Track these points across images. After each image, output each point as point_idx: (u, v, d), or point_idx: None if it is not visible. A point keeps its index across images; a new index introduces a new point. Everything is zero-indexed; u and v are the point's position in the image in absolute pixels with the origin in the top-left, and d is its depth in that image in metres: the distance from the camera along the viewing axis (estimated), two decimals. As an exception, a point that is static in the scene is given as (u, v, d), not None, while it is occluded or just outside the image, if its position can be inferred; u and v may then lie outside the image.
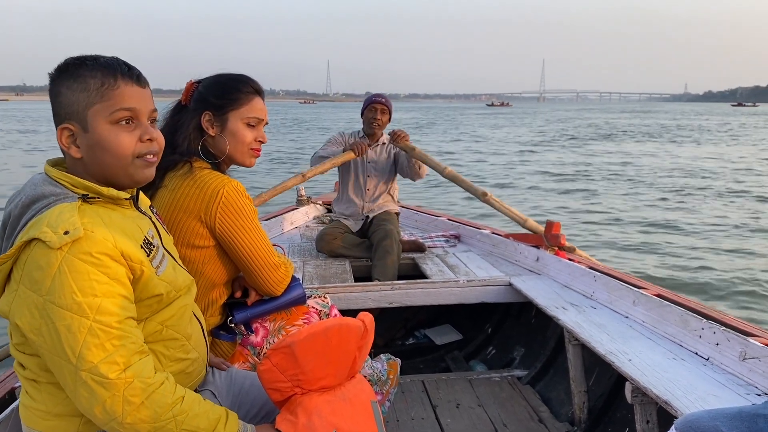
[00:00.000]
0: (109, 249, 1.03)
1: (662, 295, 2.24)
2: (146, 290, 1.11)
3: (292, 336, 1.21)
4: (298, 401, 1.20)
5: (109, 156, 1.10)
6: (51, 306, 0.99)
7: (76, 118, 1.09)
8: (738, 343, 1.78)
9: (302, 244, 3.68)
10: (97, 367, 0.99)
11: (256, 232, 1.58)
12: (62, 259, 0.99)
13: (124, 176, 1.13)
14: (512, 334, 3.12)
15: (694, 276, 5.99)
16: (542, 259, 2.93)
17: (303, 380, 1.21)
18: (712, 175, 13.75)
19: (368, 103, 3.55)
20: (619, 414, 2.20)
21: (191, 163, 1.56)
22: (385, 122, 3.54)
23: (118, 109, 1.09)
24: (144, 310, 1.13)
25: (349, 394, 1.27)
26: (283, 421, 1.18)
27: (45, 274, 0.99)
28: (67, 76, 1.09)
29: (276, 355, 1.20)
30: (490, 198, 3.27)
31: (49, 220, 1.01)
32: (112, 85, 1.09)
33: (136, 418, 1.02)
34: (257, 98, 1.63)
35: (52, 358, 1.01)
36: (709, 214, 9.19)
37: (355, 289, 2.68)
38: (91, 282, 1.00)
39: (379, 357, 1.81)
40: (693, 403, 1.57)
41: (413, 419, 2.32)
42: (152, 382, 1.04)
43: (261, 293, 1.68)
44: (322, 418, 1.18)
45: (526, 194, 11.30)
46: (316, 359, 1.21)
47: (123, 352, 1.02)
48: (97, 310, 1.00)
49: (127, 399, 1.01)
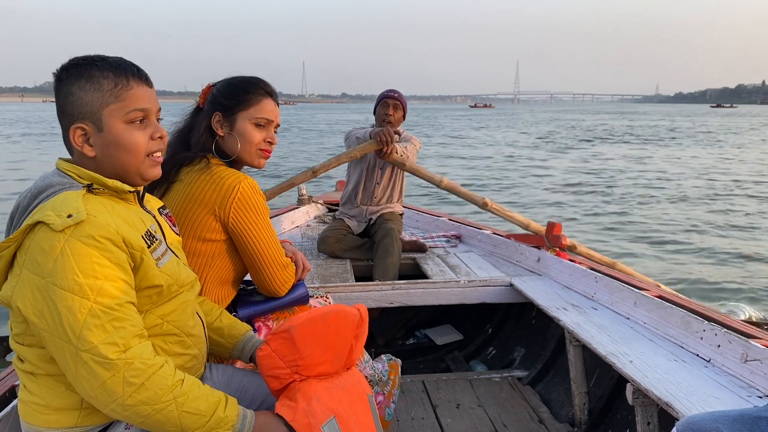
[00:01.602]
0: (111, 234, 1.06)
1: (663, 297, 2.24)
2: (146, 279, 1.13)
3: (290, 321, 1.23)
4: (297, 387, 1.22)
5: (125, 154, 1.14)
6: (53, 288, 1.01)
7: (90, 118, 1.12)
8: (739, 345, 1.78)
9: (303, 243, 3.67)
10: (97, 347, 1.01)
11: (268, 230, 1.61)
12: (65, 241, 1.01)
13: (136, 174, 1.17)
14: (513, 335, 3.12)
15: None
16: (543, 259, 2.93)
17: (302, 366, 1.22)
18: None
19: (380, 99, 3.40)
20: (619, 415, 2.19)
21: (208, 159, 1.61)
22: (398, 119, 3.37)
23: (133, 109, 1.13)
24: (144, 301, 1.14)
25: (346, 384, 1.28)
26: (282, 406, 1.19)
27: (48, 256, 1.01)
28: (77, 76, 1.12)
29: (275, 340, 1.22)
30: (491, 206, 3.22)
31: (53, 205, 1.04)
32: (126, 86, 1.13)
33: (136, 400, 1.03)
34: (267, 100, 1.65)
35: (54, 340, 1.02)
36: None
37: (356, 288, 2.68)
38: (93, 264, 1.03)
39: (380, 358, 1.81)
40: (694, 405, 1.57)
41: (413, 419, 2.32)
42: (152, 364, 1.06)
43: (265, 292, 1.68)
44: (321, 403, 1.18)
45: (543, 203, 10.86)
46: (314, 344, 1.23)
47: (123, 333, 1.04)
48: (99, 292, 1.02)
49: (127, 380, 1.02)
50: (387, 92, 3.40)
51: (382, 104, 3.37)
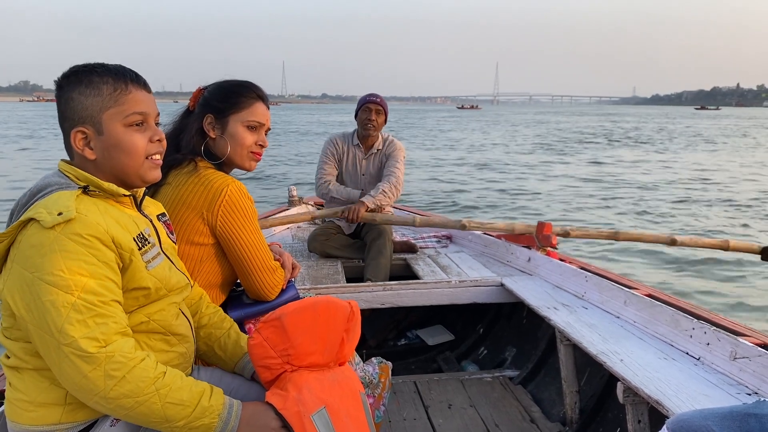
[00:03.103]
0: (100, 233, 1.08)
1: (653, 295, 2.25)
2: (133, 281, 1.15)
3: (281, 309, 1.24)
4: (288, 377, 1.22)
5: (124, 156, 1.18)
6: (39, 282, 1.03)
7: (91, 122, 1.16)
8: (728, 342, 1.79)
9: (294, 244, 3.66)
10: (77, 341, 1.02)
11: (256, 234, 1.61)
12: (54, 238, 1.04)
13: (135, 176, 1.21)
14: (504, 335, 3.12)
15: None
16: (534, 259, 2.94)
17: (293, 355, 1.23)
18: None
19: (362, 104, 3.42)
20: (610, 414, 2.20)
21: (196, 162, 1.61)
22: (380, 123, 3.41)
23: (132, 113, 1.18)
24: (131, 302, 1.16)
25: (338, 378, 1.28)
26: (273, 395, 1.19)
27: (37, 251, 1.04)
28: (77, 83, 1.16)
29: (266, 329, 1.23)
30: (471, 225, 3.19)
31: (46, 203, 1.08)
32: (125, 91, 1.17)
33: (118, 393, 1.04)
34: (259, 103, 1.67)
35: (39, 333, 1.04)
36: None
37: (347, 289, 2.67)
38: (79, 261, 1.05)
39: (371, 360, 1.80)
40: (684, 403, 1.57)
41: (405, 420, 2.31)
42: (133, 357, 1.07)
43: (254, 297, 1.68)
44: (312, 393, 1.18)
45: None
46: (305, 333, 1.23)
47: (104, 329, 1.05)
48: (83, 289, 1.04)
49: (108, 373, 1.03)
50: (369, 98, 3.42)
51: (364, 109, 3.41)
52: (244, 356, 1.43)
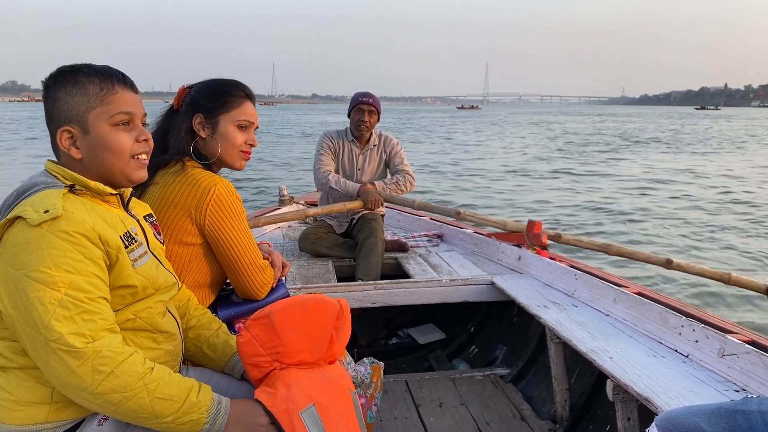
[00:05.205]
0: (87, 230, 1.09)
1: (642, 293, 2.27)
2: (120, 278, 1.15)
3: (270, 306, 1.25)
4: (277, 375, 1.22)
5: (110, 155, 1.18)
6: (25, 279, 1.03)
7: (77, 121, 1.17)
8: (717, 340, 1.81)
9: (285, 244, 3.65)
10: (64, 336, 1.02)
11: (245, 233, 1.60)
12: (40, 236, 1.05)
13: (121, 175, 1.21)
14: (494, 333, 3.13)
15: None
16: (524, 258, 2.95)
17: (282, 353, 1.23)
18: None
19: (355, 104, 3.41)
20: (600, 411, 2.21)
21: (183, 161, 1.60)
22: (373, 123, 3.42)
23: (118, 112, 1.18)
24: (117, 300, 1.16)
25: (328, 376, 1.28)
26: (262, 393, 1.19)
27: (23, 249, 1.04)
28: (64, 83, 1.17)
29: (255, 326, 1.23)
30: (465, 215, 3.23)
31: (32, 201, 1.08)
32: (111, 90, 1.18)
33: (106, 388, 1.04)
34: (248, 102, 1.67)
35: (26, 330, 1.04)
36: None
37: (338, 289, 2.67)
38: (66, 259, 1.05)
39: (362, 360, 1.80)
40: (673, 400, 1.59)
41: (396, 419, 2.32)
42: (121, 352, 1.07)
43: (244, 296, 1.67)
44: (301, 390, 1.18)
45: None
46: (294, 331, 1.23)
47: (92, 326, 1.05)
48: (69, 285, 1.04)
49: (96, 368, 1.03)
50: (361, 98, 3.40)
51: (357, 110, 3.40)
52: (233, 356, 1.43)
